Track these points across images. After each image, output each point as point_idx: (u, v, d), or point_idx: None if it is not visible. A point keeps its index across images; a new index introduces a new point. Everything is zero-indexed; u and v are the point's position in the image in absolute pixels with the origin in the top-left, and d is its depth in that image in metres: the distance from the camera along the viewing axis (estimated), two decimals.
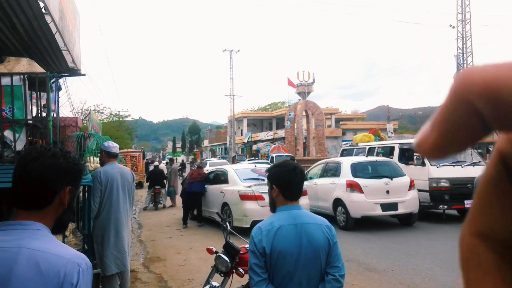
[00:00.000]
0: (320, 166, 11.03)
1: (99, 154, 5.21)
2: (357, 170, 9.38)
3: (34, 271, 1.11)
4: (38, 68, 3.28)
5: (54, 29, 3.84)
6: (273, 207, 2.27)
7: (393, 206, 8.98)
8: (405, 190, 9.11)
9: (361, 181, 9.06)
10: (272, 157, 24.33)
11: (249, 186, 8.88)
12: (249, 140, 51.33)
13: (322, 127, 34.61)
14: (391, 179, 9.09)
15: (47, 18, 3.51)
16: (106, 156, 4.86)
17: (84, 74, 6.28)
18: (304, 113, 35.58)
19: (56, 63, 5.21)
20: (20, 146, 3.20)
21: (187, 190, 10.59)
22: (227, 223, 4.52)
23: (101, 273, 4.60)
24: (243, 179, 9.31)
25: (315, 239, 2.12)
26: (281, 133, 42.89)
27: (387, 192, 9.00)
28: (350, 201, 9.04)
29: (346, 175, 9.40)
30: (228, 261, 4.05)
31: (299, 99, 36.12)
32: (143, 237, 9.47)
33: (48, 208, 1.24)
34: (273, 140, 46.66)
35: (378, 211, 8.94)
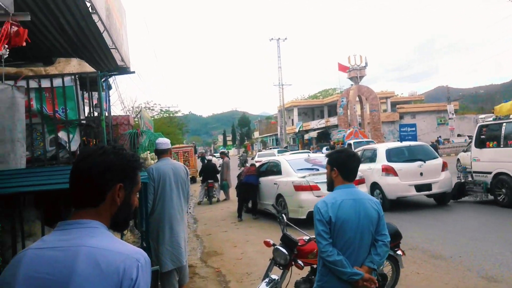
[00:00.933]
0: (358, 153, 11.68)
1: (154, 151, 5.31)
2: (391, 155, 10.23)
3: (94, 269, 1.13)
4: (88, 68, 3.38)
5: (101, 28, 3.94)
6: (331, 186, 2.78)
7: (427, 186, 9.75)
8: (438, 171, 9.92)
9: (395, 165, 9.87)
10: (350, 144, 22.44)
11: (303, 177, 8.74)
12: (301, 129, 50.84)
13: (377, 112, 33.40)
14: (424, 162, 9.85)
15: (94, 17, 3.60)
16: (158, 153, 4.91)
17: (133, 72, 6.45)
18: (357, 99, 34.52)
19: (105, 62, 5.39)
20: (74, 146, 3.30)
21: (244, 181, 10.68)
22: (283, 215, 4.43)
23: (159, 270, 4.73)
24: (297, 169, 9.20)
25: (369, 212, 2.63)
26: (333, 120, 41.98)
27: (421, 174, 9.78)
28: (386, 184, 9.86)
29: (381, 160, 10.21)
30: (287, 253, 3.99)
31: (352, 84, 35.08)
32: (199, 231, 9.66)
33: (102, 206, 1.26)
34: (325, 129, 45.88)
35: (413, 192, 9.76)
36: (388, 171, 9.86)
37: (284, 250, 4.02)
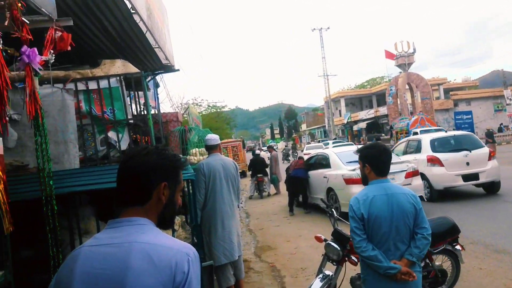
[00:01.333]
0: (403, 143, 11.90)
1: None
2: (436, 145, 10.18)
3: (148, 263, 1.18)
4: (132, 68, 3.46)
5: (144, 28, 4.01)
6: (366, 182, 2.84)
7: (474, 176, 9.64)
8: (484, 160, 9.79)
9: (441, 155, 9.79)
10: (416, 133, 20.38)
11: (354, 169, 8.49)
12: (349, 120, 49.66)
13: (429, 99, 31.93)
14: (470, 151, 9.80)
15: (136, 17, 3.66)
16: (208, 149, 5.01)
17: (178, 70, 6.56)
18: (407, 87, 33.18)
19: (150, 61, 5.51)
20: (124, 145, 3.40)
21: (292, 174, 10.56)
22: (333, 209, 4.31)
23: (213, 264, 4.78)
24: (346, 162, 8.96)
25: (403, 206, 2.65)
26: (383, 110, 40.60)
27: (467, 163, 9.68)
28: (432, 175, 9.77)
29: (426, 150, 10.15)
30: (339, 249, 3.88)
31: (400, 72, 33.78)
32: (251, 226, 9.71)
33: (148, 204, 1.32)
34: (375, 119, 44.45)
35: (460, 182, 9.66)
36: (433, 161, 9.79)
37: (336, 246, 3.90)
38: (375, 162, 2.76)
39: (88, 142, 3.36)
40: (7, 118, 1.93)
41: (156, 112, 6.98)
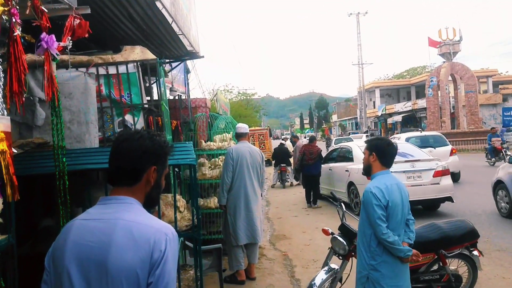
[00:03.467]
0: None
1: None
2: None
3: (129, 239, 1.31)
4: (150, 55, 3.65)
5: (167, 15, 4.18)
6: (368, 171, 3.10)
7: None
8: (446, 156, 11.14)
9: None
10: None
11: None
12: (383, 112, 48.47)
13: (474, 93, 30.31)
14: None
15: (158, 4, 3.83)
16: (237, 136, 5.53)
17: (202, 56, 6.73)
18: (450, 78, 31.73)
19: (175, 48, 5.71)
20: (139, 128, 3.63)
21: (304, 173, 10.66)
22: (341, 203, 4.38)
23: (227, 246, 5.01)
24: None
25: (407, 195, 3.03)
26: (421, 103, 39.14)
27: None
28: None
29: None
30: (345, 243, 3.96)
31: (443, 62, 32.27)
32: (270, 214, 9.90)
33: (137, 185, 1.44)
34: (412, 112, 43.19)
35: None
36: None
37: (342, 240, 3.99)
38: (382, 152, 3.00)
39: (107, 124, 3.60)
40: (23, 99, 2.13)
41: (186, 97, 7.23)
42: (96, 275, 1.30)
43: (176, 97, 7.16)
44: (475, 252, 4.20)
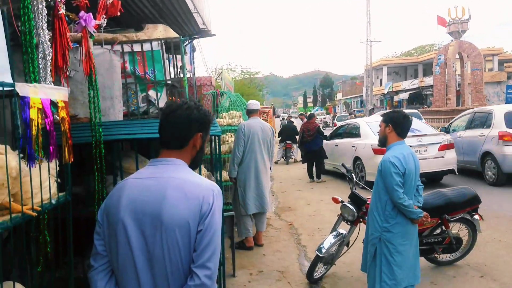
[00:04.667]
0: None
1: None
2: None
3: (181, 194, 1.50)
4: (172, 33, 3.82)
5: None
6: (384, 142, 3.37)
7: None
8: None
9: None
10: None
11: None
12: (390, 90, 48.28)
13: (480, 71, 30.26)
14: None
15: None
16: (249, 112, 5.77)
17: (214, 35, 6.88)
18: (457, 56, 31.58)
19: (188, 26, 5.88)
20: (162, 103, 3.85)
21: (304, 149, 10.97)
22: (352, 174, 4.67)
23: (236, 215, 5.33)
24: (377, 132, 9.14)
25: (418, 163, 3.30)
26: (428, 80, 39.00)
27: None
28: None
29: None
30: (354, 210, 4.26)
31: (451, 40, 32.07)
32: (274, 188, 10.19)
33: (185, 149, 1.64)
34: (418, 90, 43.04)
35: None
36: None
37: (351, 207, 4.29)
38: (398, 124, 3.25)
39: (131, 99, 3.83)
40: (67, 73, 2.36)
41: (191, 75, 7.39)
42: (150, 225, 1.47)
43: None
44: (476, 216, 4.53)
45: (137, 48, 3.69)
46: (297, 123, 17.29)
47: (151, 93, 3.79)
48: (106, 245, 1.56)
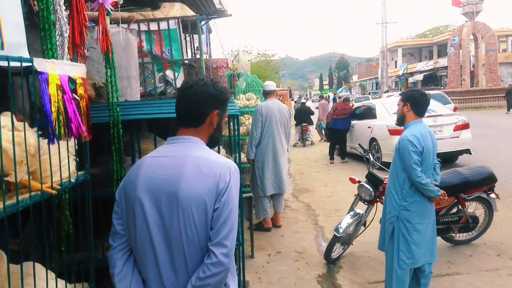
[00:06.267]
0: None
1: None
2: None
3: (197, 172, 1.45)
4: (189, 12, 3.69)
5: None
6: (402, 121, 3.27)
7: None
8: None
9: None
10: None
11: None
12: (405, 72, 47.32)
13: (494, 51, 29.55)
14: None
15: None
16: (265, 94, 5.67)
17: (230, 15, 6.71)
18: (471, 37, 30.75)
19: (204, 5, 5.72)
20: (179, 83, 3.75)
21: (330, 126, 10.67)
22: (369, 154, 4.55)
23: (253, 196, 5.30)
24: (393, 113, 8.95)
25: (436, 141, 3.20)
26: (443, 61, 38.16)
27: None
28: None
29: None
30: (371, 190, 4.16)
31: (466, 21, 31.18)
32: (291, 170, 10.12)
33: (202, 126, 1.57)
34: (433, 71, 42.04)
35: None
36: None
37: (368, 187, 4.20)
38: (416, 103, 3.16)
39: (148, 79, 3.75)
40: (85, 51, 2.29)
41: (208, 57, 7.27)
42: (167, 203, 1.44)
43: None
44: (492, 195, 4.43)
45: (153, 27, 3.59)
46: (310, 105, 17.16)
47: (168, 73, 3.70)
48: (124, 224, 1.53)
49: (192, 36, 4.72)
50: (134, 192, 1.48)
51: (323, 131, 14.94)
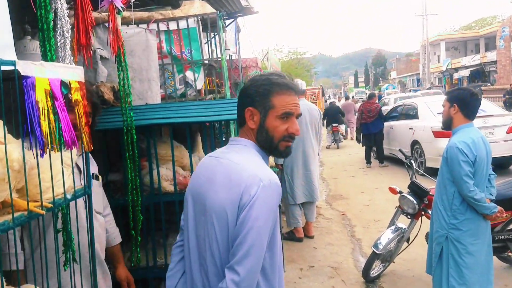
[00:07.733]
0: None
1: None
2: None
3: (226, 179, 1.36)
4: (209, 9, 3.56)
5: None
6: (449, 125, 2.93)
7: None
8: None
9: None
10: None
11: None
12: (448, 67, 45.51)
13: None
14: None
15: None
16: None
17: (257, 12, 6.55)
18: None
19: (230, 3, 5.58)
20: (199, 85, 3.62)
21: (363, 132, 10.30)
22: (411, 160, 4.23)
23: (281, 205, 5.08)
24: (437, 113, 8.46)
25: (490, 148, 2.85)
26: (491, 56, 36.36)
27: None
28: None
29: None
30: (415, 202, 3.84)
31: None
32: (325, 174, 9.82)
33: (244, 127, 1.49)
34: (480, 66, 40.19)
35: None
36: None
37: (412, 199, 3.87)
38: (464, 104, 2.82)
39: (168, 81, 3.63)
40: (91, 52, 2.15)
41: (237, 57, 7.14)
42: (200, 207, 1.41)
43: (227, 57, 7.07)
44: None
45: (173, 26, 3.47)
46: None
47: (189, 74, 3.57)
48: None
49: (218, 35, 4.58)
50: (187, 191, 1.52)
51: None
